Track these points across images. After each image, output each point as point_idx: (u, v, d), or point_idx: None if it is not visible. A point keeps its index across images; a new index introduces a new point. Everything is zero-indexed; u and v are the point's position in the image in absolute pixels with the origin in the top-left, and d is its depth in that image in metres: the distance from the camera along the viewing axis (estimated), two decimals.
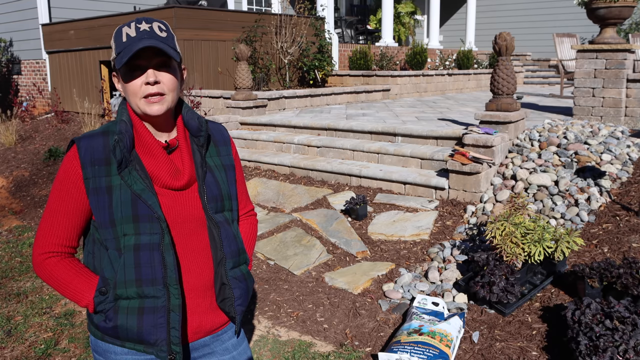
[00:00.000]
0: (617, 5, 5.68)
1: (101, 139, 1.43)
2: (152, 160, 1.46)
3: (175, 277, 1.43)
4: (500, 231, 3.40)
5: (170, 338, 1.43)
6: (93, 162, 1.41)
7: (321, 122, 6.26)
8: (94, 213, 1.42)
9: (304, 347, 3.08)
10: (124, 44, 1.39)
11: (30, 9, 9.72)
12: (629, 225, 3.81)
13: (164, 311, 1.42)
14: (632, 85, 5.82)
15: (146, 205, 1.41)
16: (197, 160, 1.53)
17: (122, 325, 1.43)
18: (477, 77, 12.18)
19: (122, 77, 1.43)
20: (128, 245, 1.41)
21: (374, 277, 3.73)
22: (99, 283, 1.43)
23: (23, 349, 3.25)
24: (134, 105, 1.44)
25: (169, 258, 1.43)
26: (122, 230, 1.40)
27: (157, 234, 1.41)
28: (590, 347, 2.52)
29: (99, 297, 1.43)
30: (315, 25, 9.55)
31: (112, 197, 1.40)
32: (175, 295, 1.43)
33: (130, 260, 1.41)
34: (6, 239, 5.35)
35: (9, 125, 8.76)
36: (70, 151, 1.44)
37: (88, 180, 1.41)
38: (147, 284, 1.41)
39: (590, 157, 4.66)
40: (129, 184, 1.41)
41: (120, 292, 1.42)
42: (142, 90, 1.41)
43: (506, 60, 4.81)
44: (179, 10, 7.81)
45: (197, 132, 1.55)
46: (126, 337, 1.44)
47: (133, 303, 1.42)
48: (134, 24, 1.41)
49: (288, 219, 4.69)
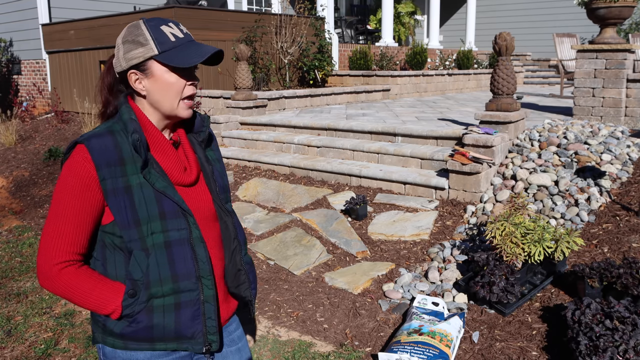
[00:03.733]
0: (617, 5, 5.68)
1: (110, 138, 1.39)
2: (165, 157, 1.46)
3: (208, 269, 1.45)
4: (500, 231, 3.40)
5: (207, 328, 1.45)
6: (108, 163, 1.36)
7: (321, 122, 6.26)
8: (114, 215, 1.37)
9: (304, 347, 3.08)
10: (175, 43, 1.39)
11: (30, 9, 9.72)
12: (629, 225, 3.81)
13: (199, 303, 1.44)
14: (632, 85, 5.82)
15: (172, 202, 1.40)
16: (200, 155, 1.55)
17: (159, 324, 1.41)
18: (477, 77, 12.18)
19: (167, 75, 1.40)
20: (158, 244, 1.39)
21: (374, 277, 3.73)
22: (127, 286, 1.39)
23: (23, 349, 3.25)
24: (169, 106, 1.43)
25: (200, 251, 1.44)
26: (149, 229, 1.38)
27: (184, 229, 1.42)
28: (590, 347, 2.52)
29: (128, 300, 1.39)
30: (315, 25, 9.55)
31: (133, 196, 1.37)
32: (209, 286, 1.45)
33: (162, 257, 1.40)
34: (6, 239, 5.35)
35: (9, 125, 8.76)
36: (78, 153, 1.36)
37: (105, 181, 1.36)
38: (183, 279, 1.41)
39: (590, 157, 4.66)
40: (151, 182, 1.39)
41: (154, 290, 1.40)
42: (185, 91, 1.42)
43: (506, 60, 4.81)
44: (179, 10, 7.81)
45: (198, 128, 1.57)
46: (162, 336, 1.42)
47: (168, 300, 1.41)
48: (174, 25, 1.42)
49: (288, 219, 4.69)
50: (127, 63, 1.41)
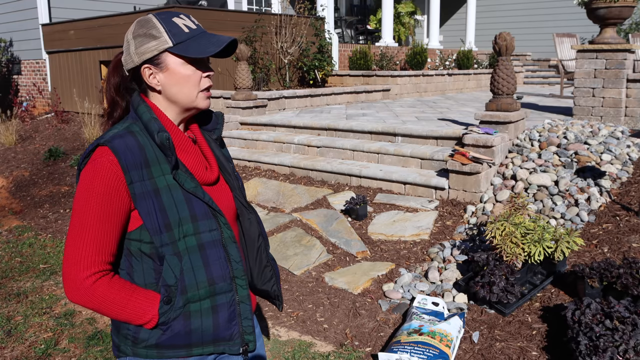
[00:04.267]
0: (617, 5, 5.68)
1: (133, 139, 1.32)
2: (188, 156, 1.41)
3: (242, 268, 1.43)
4: (500, 231, 3.40)
5: (243, 328, 1.43)
6: (136, 165, 1.30)
7: (321, 122, 6.26)
8: (144, 220, 1.30)
9: (304, 347, 3.08)
10: (188, 35, 1.35)
11: (30, 9, 9.72)
12: (629, 225, 3.81)
13: (235, 304, 1.42)
14: (632, 85, 5.82)
15: (202, 202, 1.36)
16: (218, 152, 1.52)
17: (197, 328, 1.37)
18: (477, 77, 12.18)
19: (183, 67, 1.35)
20: (191, 247, 1.34)
21: (374, 277, 3.73)
22: (162, 293, 1.33)
23: (23, 349, 3.25)
24: (188, 98, 1.38)
25: (233, 251, 1.42)
26: (181, 232, 1.33)
27: (215, 230, 1.38)
28: (590, 347, 2.52)
29: (164, 307, 1.33)
30: (315, 25, 9.55)
31: (162, 199, 1.32)
32: (243, 286, 1.43)
33: (197, 261, 1.35)
34: (6, 239, 5.35)
35: (9, 125, 8.76)
36: (101, 155, 1.28)
37: (133, 185, 1.29)
38: (218, 281, 1.39)
39: (590, 157, 4.66)
40: (180, 183, 1.34)
41: (191, 295, 1.35)
42: (202, 83, 1.39)
43: (506, 60, 4.82)
44: (179, 10, 7.81)
45: (212, 126, 1.53)
46: (200, 340, 1.38)
47: (205, 303, 1.37)
48: (185, 17, 1.39)
49: (288, 219, 4.69)
50: (140, 58, 1.35)
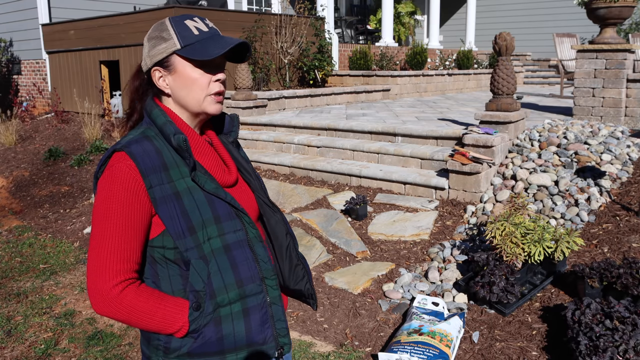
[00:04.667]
0: (617, 5, 5.68)
1: (149, 144, 1.31)
2: (205, 158, 1.40)
3: (270, 268, 1.40)
4: (500, 231, 3.40)
5: (277, 331, 1.40)
6: (155, 169, 1.29)
7: (321, 122, 6.26)
8: (166, 224, 1.28)
9: (304, 347, 3.08)
10: (198, 37, 1.34)
11: (30, 9, 9.72)
12: (629, 225, 3.81)
13: (267, 306, 1.38)
14: (632, 85, 5.82)
15: (225, 202, 1.35)
16: (236, 155, 1.50)
17: (229, 333, 1.33)
18: (477, 77, 12.18)
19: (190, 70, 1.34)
20: (217, 249, 1.32)
21: (374, 277, 3.73)
22: (190, 299, 1.30)
23: (23, 349, 3.25)
24: (195, 102, 1.36)
25: (260, 251, 1.39)
26: (205, 235, 1.30)
27: (240, 230, 1.36)
28: (590, 347, 2.52)
29: (194, 314, 1.29)
30: (315, 25, 9.55)
31: (184, 202, 1.30)
32: (273, 286, 1.40)
33: (224, 263, 1.32)
34: (6, 239, 5.35)
35: (9, 125, 8.76)
36: (119, 161, 1.28)
37: (153, 189, 1.28)
38: (247, 282, 1.35)
39: (590, 157, 4.66)
40: (201, 184, 1.32)
41: (221, 299, 1.31)
42: (210, 88, 1.36)
43: (506, 60, 4.82)
44: (179, 10, 7.81)
45: (228, 129, 1.52)
46: (233, 345, 1.33)
47: (235, 307, 1.33)
48: (199, 20, 1.37)
49: (288, 219, 4.69)
50: (152, 60, 1.37)
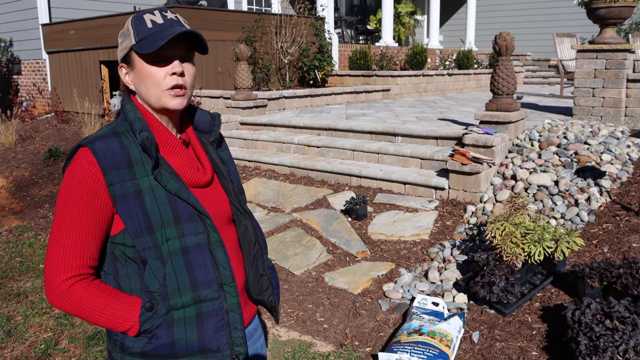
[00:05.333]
0: (617, 5, 5.68)
1: (115, 140, 1.30)
2: (176, 157, 1.37)
3: (229, 274, 1.36)
4: (500, 231, 3.40)
5: (233, 340, 1.36)
6: (116, 166, 1.27)
7: (321, 122, 6.26)
8: (125, 222, 1.27)
9: (304, 347, 3.08)
10: (151, 30, 1.30)
11: (30, 9, 9.72)
12: (629, 225, 3.81)
13: (223, 313, 1.34)
14: (632, 85, 5.82)
15: (187, 204, 1.31)
16: (214, 155, 1.47)
17: (181, 338, 1.30)
18: (477, 77, 12.18)
19: (143, 65, 1.32)
20: (174, 251, 1.29)
21: (374, 277, 3.73)
22: (144, 299, 1.28)
23: (23, 349, 3.25)
24: (154, 98, 1.33)
25: (220, 255, 1.35)
26: (164, 236, 1.28)
27: (202, 233, 1.33)
28: (590, 347, 2.52)
29: (145, 314, 1.28)
30: (315, 25, 9.55)
31: (145, 201, 1.28)
32: (232, 293, 1.36)
33: (180, 265, 1.30)
34: (6, 239, 5.35)
35: (9, 125, 8.76)
36: (82, 156, 1.27)
37: (113, 186, 1.26)
38: (203, 287, 1.32)
39: (590, 157, 4.66)
40: (163, 183, 1.30)
41: (174, 302, 1.29)
42: (166, 82, 1.32)
43: (506, 60, 4.81)
44: (179, 10, 7.82)
45: (209, 128, 1.49)
46: (185, 351, 1.31)
47: (189, 311, 1.31)
48: (159, 12, 1.34)
49: (288, 219, 4.69)
50: (119, 57, 1.37)
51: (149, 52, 1.29)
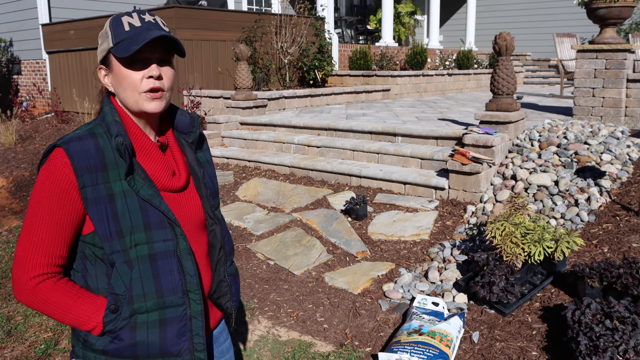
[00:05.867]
0: (617, 5, 5.68)
1: (91, 141, 1.29)
2: (151, 161, 1.37)
3: (195, 282, 1.37)
4: (500, 231, 3.40)
5: (194, 345, 1.38)
6: (90, 169, 1.27)
7: (321, 122, 6.26)
8: (95, 225, 1.28)
9: (304, 347, 3.08)
10: (127, 33, 1.30)
11: (30, 9, 9.72)
12: (629, 225, 3.81)
13: (186, 319, 1.37)
14: (632, 85, 5.82)
15: (158, 211, 1.32)
16: (191, 157, 1.48)
17: (142, 341, 1.33)
18: (477, 77, 12.18)
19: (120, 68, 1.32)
20: (142, 256, 1.31)
21: (374, 277, 3.73)
22: (109, 300, 1.31)
23: (23, 349, 3.25)
24: (131, 100, 1.33)
25: (188, 264, 1.36)
26: (133, 241, 1.29)
27: (171, 240, 1.34)
28: (590, 347, 2.52)
29: (110, 316, 1.30)
30: (315, 25, 9.55)
31: (116, 205, 1.28)
32: (197, 301, 1.38)
33: (147, 271, 1.31)
34: (6, 239, 5.35)
35: (9, 125, 8.76)
36: (56, 157, 1.27)
37: (85, 189, 1.26)
38: (168, 294, 1.34)
39: (590, 157, 4.66)
40: (135, 189, 1.30)
41: (138, 306, 1.31)
42: (143, 85, 1.32)
43: (506, 60, 4.82)
44: (179, 10, 7.82)
45: (188, 129, 1.50)
46: (146, 353, 1.34)
47: (153, 316, 1.33)
48: (137, 15, 1.33)
49: (288, 219, 4.69)
50: (98, 58, 1.38)
51: (129, 56, 1.30)
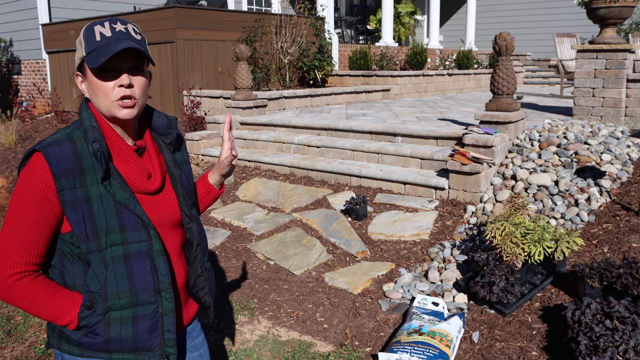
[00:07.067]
0: (617, 5, 5.68)
1: (69, 146, 1.34)
2: (126, 165, 1.42)
3: (168, 281, 1.43)
4: (500, 231, 3.40)
5: (165, 341, 1.44)
6: (67, 173, 1.32)
7: (321, 122, 6.26)
8: (72, 226, 1.34)
9: (304, 347, 3.08)
10: (98, 43, 1.35)
11: (30, 9, 9.73)
12: (629, 225, 3.81)
13: (158, 316, 1.43)
14: (632, 85, 5.82)
15: (133, 214, 1.37)
16: (168, 158, 1.53)
17: (116, 336, 1.39)
18: (477, 77, 12.18)
19: (92, 77, 1.38)
20: (117, 256, 1.37)
21: (374, 277, 3.73)
22: (84, 297, 1.37)
23: (23, 349, 3.25)
24: (104, 108, 1.38)
25: (161, 264, 1.42)
26: (108, 241, 1.35)
27: (145, 242, 1.40)
28: (590, 347, 2.52)
29: (85, 312, 1.37)
30: (315, 25, 9.55)
31: (93, 208, 1.34)
32: (168, 299, 1.44)
33: (121, 271, 1.37)
34: None
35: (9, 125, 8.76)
36: (35, 161, 1.32)
37: (63, 192, 1.32)
38: (141, 292, 1.40)
39: (590, 157, 4.66)
40: (112, 193, 1.36)
41: (112, 303, 1.38)
42: (114, 93, 1.37)
43: (506, 60, 4.82)
44: (179, 10, 7.82)
45: (165, 131, 1.55)
46: (119, 347, 1.41)
47: (126, 313, 1.40)
48: (109, 24, 1.37)
49: (288, 219, 4.69)
50: (76, 65, 1.44)
51: (99, 67, 1.35)
